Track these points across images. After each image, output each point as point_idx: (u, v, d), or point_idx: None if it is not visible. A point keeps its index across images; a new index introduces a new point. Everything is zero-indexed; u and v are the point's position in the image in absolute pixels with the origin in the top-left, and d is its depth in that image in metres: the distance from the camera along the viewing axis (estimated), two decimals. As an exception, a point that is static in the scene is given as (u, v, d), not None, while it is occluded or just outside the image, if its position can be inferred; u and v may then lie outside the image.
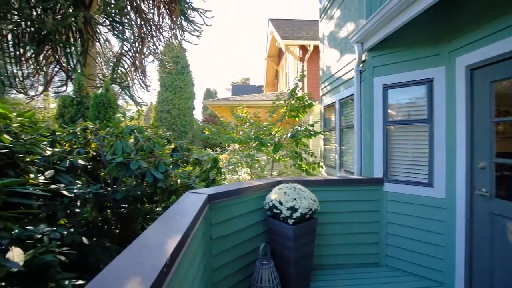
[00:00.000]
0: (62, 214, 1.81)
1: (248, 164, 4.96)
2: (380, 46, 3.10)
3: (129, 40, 7.48)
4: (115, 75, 7.99)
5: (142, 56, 8.25)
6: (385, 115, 3.12)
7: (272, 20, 12.78)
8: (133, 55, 8.07)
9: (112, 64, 8.50)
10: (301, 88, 5.54)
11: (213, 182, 3.22)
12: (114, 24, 6.63)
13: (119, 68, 8.05)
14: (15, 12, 5.18)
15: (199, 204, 1.73)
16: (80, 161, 2.28)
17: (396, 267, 3.00)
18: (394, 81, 3.04)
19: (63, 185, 1.88)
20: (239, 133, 4.92)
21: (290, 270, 2.46)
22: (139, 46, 7.93)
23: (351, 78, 3.76)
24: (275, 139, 4.59)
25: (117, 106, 5.73)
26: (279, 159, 5.20)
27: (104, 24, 6.99)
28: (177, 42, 8.75)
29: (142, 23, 7.65)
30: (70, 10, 5.70)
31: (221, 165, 4.07)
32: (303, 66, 9.78)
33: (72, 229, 1.80)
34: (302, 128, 4.43)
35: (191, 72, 21.12)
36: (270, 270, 2.34)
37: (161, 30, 8.34)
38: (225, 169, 5.23)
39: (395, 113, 3.10)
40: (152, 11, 8.03)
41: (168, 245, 1.05)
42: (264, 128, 4.78)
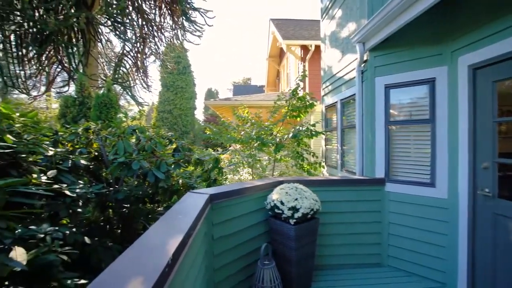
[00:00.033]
0: (64, 214, 1.82)
1: (250, 164, 4.96)
2: (382, 46, 3.09)
3: (131, 41, 7.49)
4: (116, 75, 8.01)
5: (144, 56, 8.27)
6: (387, 115, 3.11)
7: (274, 20, 12.78)
8: (135, 55, 8.09)
9: (113, 64, 8.52)
10: (302, 88, 5.53)
11: (214, 182, 3.22)
12: (115, 24, 6.65)
13: (121, 68, 8.07)
14: (18, 13, 5.21)
15: (200, 204, 1.73)
16: (82, 161, 2.29)
17: (398, 267, 2.99)
18: (396, 81, 3.03)
19: (66, 185, 1.89)
20: (241, 133, 4.92)
21: (292, 270, 2.46)
22: (141, 46, 7.95)
23: (352, 78, 3.75)
24: (277, 139, 4.59)
25: (118, 106, 5.76)
26: (281, 159, 5.19)
27: (106, 24, 7.01)
28: (178, 42, 8.76)
29: (144, 23, 7.67)
30: (72, 11, 5.72)
31: (223, 165, 4.07)
32: (305, 66, 9.77)
33: (74, 229, 1.81)
34: (304, 128, 4.43)
35: (193, 72, 21.17)
36: (272, 270, 2.34)
37: (162, 31, 8.36)
38: (226, 169, 5.23)
39: (397, 113, 3.09)
40: (153, 11, 8.05)
41: (170, 245, 1.05)
42: (265, 128, 4.78)
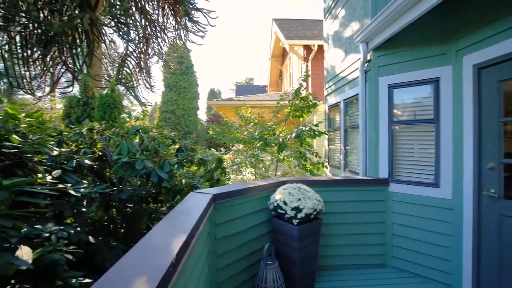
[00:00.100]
0: (69, 213, 1.83)
1: (253, 164, 4.96)
2: (386, 45, 3.08)
3: (134, 41, 7.54)
4: (120, 76, 8.07)
5: (147, 57, 8.32)
6: (390, 115, 3.09)
7: (276, 20, 12.77)
8: (138, 55, 8.13)
9: (117, 64, 8.58)
10: (305, 88, 5.52)
11: (217, 182, 3.23)
12: (119, 25, 6.69)
13: (124, 68, 8.13)
14: (23, 14, 5.27)
15: (204, 204, 1.74)
16: (87, 161, 2.30)
17: (402, 268, 2.97)
18: (399, 80, 3.01)
19: (70, 185, 1.91)
20: (243, 133, 4.92)
21: (295, 271, 2.45)
22: (144, 47, 7.99)
23: (356, 77, 3.74)
24: (280, 139, 4.58)
25: (122, 107, 5.78)
26: (284, 159, 5.18)
27: (109, 25, 7.07)
28: (181, 42, 8.80)
29: (147, 24, 7.72)
30: (76, 12, 5.77)
31: (226, 165, 4.08)
32: (307, 66, 9.75)
33: (78, 228, 1.83)
34: (307, 128, 4.42)
35: (195, 72, 21.22)
36: (275, 270, 2.34)
37: (165, 31, 8.40)
38: (229, 169, 5.23)
39: (400, 113, 3.07)
40: (156, 12, 8.09)
41: (173, 245, 1.05)
42: (268, 128, 4.77)
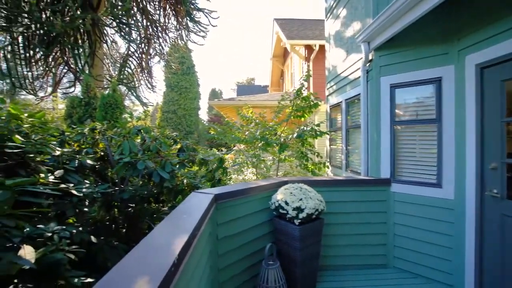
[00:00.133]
0: (71, 213, 1.84)
1: (254, 164, 4.96)
2: (387, 45, 3.07)
3: (136, 41, 7.56)
4: (122, 76, 8.09)
5: (148, 57, 8.34)
6: (392, 115, 3.08)
7: (278, 20, 12.76)
8: (140, 56, 8.15)
9: (119, 65, 8.61)
10: (306, 88, 5.51)
11: (219, 182, 3.23)
12: (121, 25, 6.71)
13: (126, 69, 8.15)
14: (25, 15, 5.29)
15: (205, 204, 1.74)
16: (89, 161, 2.31)
17: (404, 268, 2.96)
18: (401, 80, 3.00)
19: (72, 185, 1.91)
20: (245, 133, 4.92)
21: (296, 271, 2.45)
22: (146, 47, 8.01)
23: (357, 77, 3.73)
24: (281, 139, 4.58)
25: (124, 107, 5.80)
26: (285, 159, 5.18)
27: (111, 25, 7.09)
28: (182, 42, 8.81)
29: (148, 24, 7.74)
30: (78, 13, 5.79)
31: (227, 165, 4.07)
32: (309, 65, 9.74)
33: (80, 228, 1.83)
34: (308, 128, 4.41)
35: (197, 72, 21.25)
36: (276, 271, 2.34)
37: (167, 31, 8.42)
38: (230, 169, 5.24)
39: (402, 113, 3.06)
40: (158, 12, 8.11)
41: (175, 245, 1.05)
42: (269, 128, 4.77)
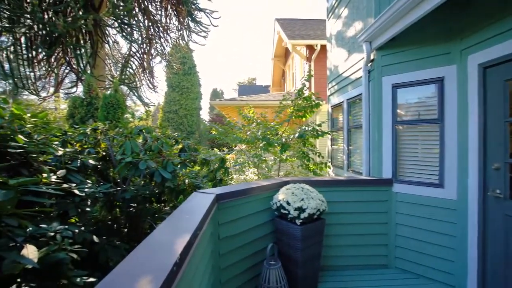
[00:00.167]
0: (73, 213, 1.84)
1: (255, 164, 4.96)
2: (389, 44, 3.06)
3: (137, 42, 7.58)
4: (123, 76, 8.11)
5: (150, 57, 8.36)
6: (394, 114, 3.08)
7: (279, 19, 12.76)
8: (141, 56, 8.17)
9: (120, 65, 8.63)
10: (308, 88, 5.51)
11: (220, 182, 3.23)
12: (122, 25, 6.73)
13: (128, 69, 8.17)
14: (28, 16, 5.32)
15: (207, 204, 1.74)
16: (91, 161, 2.32)
17: (406, 269, 2.96)
18: (403, 80, 3.00)
19: (75, 184, 1.92)
20: (246, 133, 4.92)
21: (298, 271, 2.45)
22: (147, 47, 8.03)
23: (359, 77, 3.72)
24: (282, 139, 4.57)
25: (125, 107, 5.82)
26: (286, 159, 5.18)
27: (113, 26, 7.11)
28: (184, 43, 8.82)
29: (150, 24, 7.75)
30: (80, 13, 5.81)
31: (228, 165, 4.08)
32: (310, 65, 9.73)
33: (83, 228, 1.84)
34: (310, 128, 4.41)
35: (198, 72, 21.27)
36: (278, 271, 2.34)
37: (168, 31, 8.43)
38: (232, 169, 5.24)
39: (404, 113, 3.05)
40: (159, 12, 8.12)
41: (177, 245, 1.06)
42: (271, 128, 4.77)
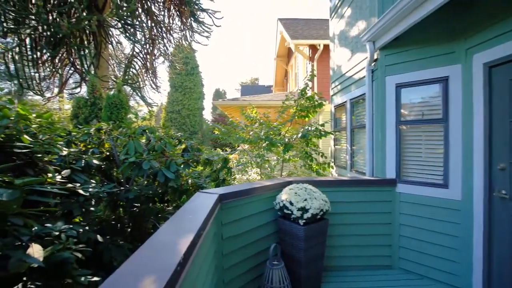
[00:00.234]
0: (77, 212, 1.86)
1: (258, 164, 4.96)
2: (393, 44, 3.04)
3: (140, 42, 7.62)
4: (127, 77, 8.17)
5: (153, 58, 8.40)
6: (397, 114, 3.05)
7: (282, 19, 12.74)
8: (144, 56, 8.22)
9: (124, 65, 8.69)
10: (311, 87, 5.50)
11: (223, 182, 3.23)
12: (126, 26, 6.77)
13: (131, 69, 8.23)
14: (33, 17, 5.37)
15: (210, 204, 1.74)
16: (95, 161, 2.33)
17: (410, 270, 2.93)
18: (407, 80, 2.98)
19: (79, 184, 1.93)
20: (249, 133, 4.92)
21: (301, 271, 2.44)
22: (150, 48, 8.07)
23: (362, 77, 3.70)
24: (285, 139, 4.57)
25: (129, 107, 5.85)
26: (289, 159, 5.17)
27: (116, 26, 7.16)
28: (186, 43, 8.86)
29: (153, 25, 7.79)
30: (84, 14, 5.85)
31: (231, 165, 4.08)
32: (313, 65, 9.70)
33: (87, 227, 1.85)
34: (313, 128, 4.39)
35: (201, 72, 21.32)
36: (281, 271, 2.33)
37: (171, 32, 8.47)
38: (235, 169, 5.24)
39: (408, 113, 3.03)
40: (162, 13, 8.16)
41: (181, 245, 1.06)
42: (274, 128, 4.77)
